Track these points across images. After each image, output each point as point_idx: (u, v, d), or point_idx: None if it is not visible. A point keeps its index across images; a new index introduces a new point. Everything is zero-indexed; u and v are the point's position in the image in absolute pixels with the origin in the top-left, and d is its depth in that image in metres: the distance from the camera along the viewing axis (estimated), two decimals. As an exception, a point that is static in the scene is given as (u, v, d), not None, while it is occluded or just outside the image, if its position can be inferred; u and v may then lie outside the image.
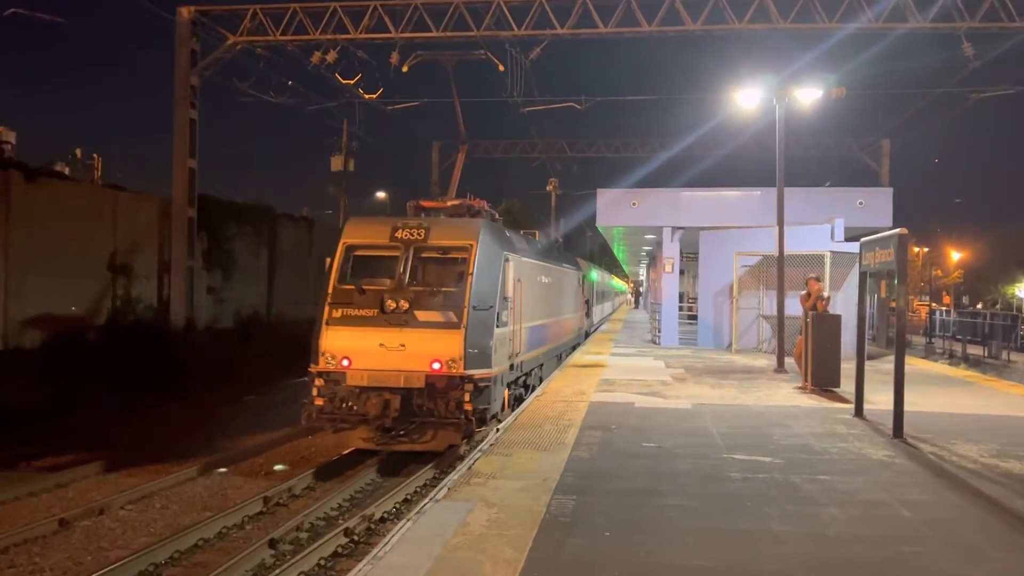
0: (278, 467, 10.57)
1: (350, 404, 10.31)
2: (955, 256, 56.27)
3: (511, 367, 11.87)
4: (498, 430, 7.88)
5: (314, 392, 10.56)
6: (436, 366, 10.29)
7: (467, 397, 10.27)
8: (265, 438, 11.87)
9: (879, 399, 9.63)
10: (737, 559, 4.49)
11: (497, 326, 11.04)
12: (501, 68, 16.36)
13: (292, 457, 11.08)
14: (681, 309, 21.90)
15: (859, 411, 8.88)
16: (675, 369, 13.87)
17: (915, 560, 4.52)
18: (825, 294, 12.04)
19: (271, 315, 22.74)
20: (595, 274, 38.53)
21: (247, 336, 20.27)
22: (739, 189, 18.83)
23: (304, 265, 24.39)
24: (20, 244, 14.06)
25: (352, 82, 17.98)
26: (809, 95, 13.27)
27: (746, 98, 13.70)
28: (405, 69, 15.86)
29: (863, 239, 8.81)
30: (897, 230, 7.71)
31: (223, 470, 10.24)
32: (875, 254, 8.31)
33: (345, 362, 10.56)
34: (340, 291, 11.10)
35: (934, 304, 46.35)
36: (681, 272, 22.54)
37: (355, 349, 10.51)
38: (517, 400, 11.85)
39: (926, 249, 54.89)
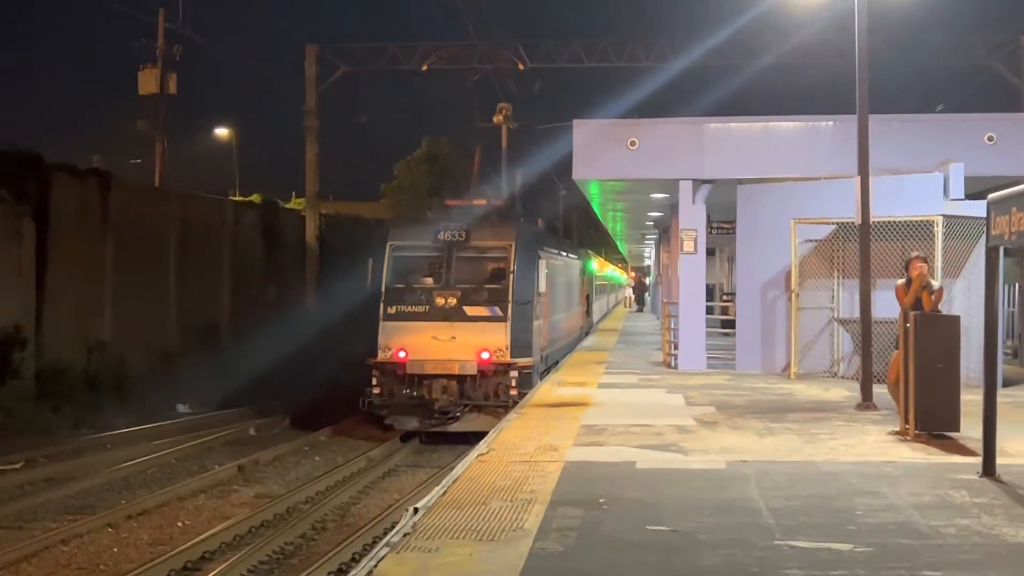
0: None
1: (410, 391, 19.64)
2: None
3: (542, 358, 21.64)
4: (416, 510, 7.88)
5: (373, 382, 19.75)
6: (485, 355, 19.49)
7: (513, 383, 19.38)
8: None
9: (1021, 449, 10.05)
10: None
11: (534, 319, 20.65)
12: None
13: None
14: (710, 312, 22.34)
15: (989, 469, 9.12)
16: (700, 407, 14.14)
17: None
18: (935, 283, 12.25)
19: (40, 345, 22.04)
20: (593, 263, 40.33)
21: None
22: (798, 119, 19.28)
23: (99, 251, 24.18)
24: None
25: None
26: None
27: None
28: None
29: (993, 195, 8.90)
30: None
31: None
32: (1014, 218, 8.31)
33: (402, 354, 19.60)
34: (393, 290, 20.18)
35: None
36: (709, 253, 22.97)
37: (410, 342, 19.63)
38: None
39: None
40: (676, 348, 20.52)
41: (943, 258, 15.84)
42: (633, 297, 62.09)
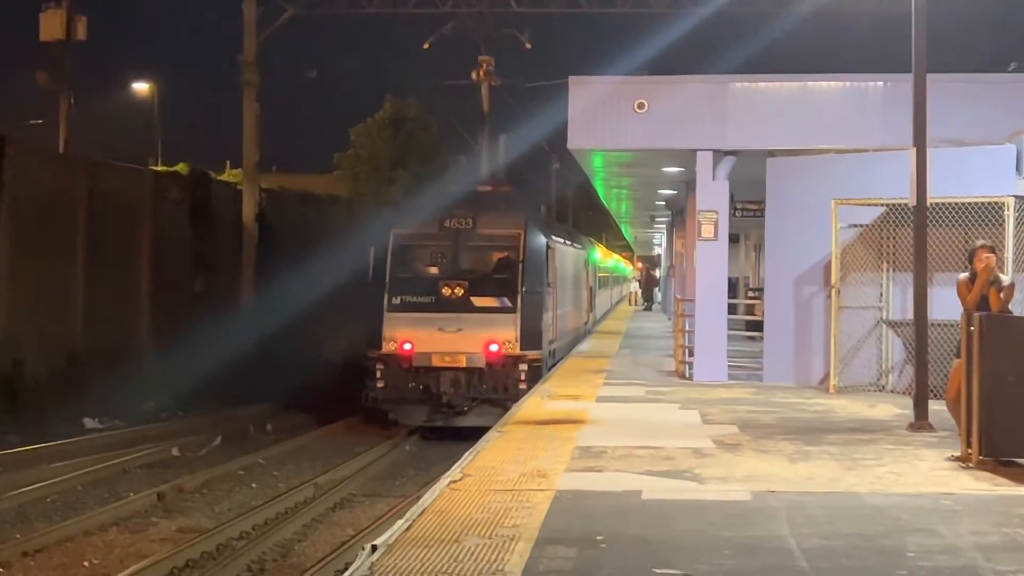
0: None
1: (415, 384, 22.66)
2: None
3: (550, 353, 25.10)
4: (374, 547, 7.86)
5: (377, 375, 22.75)
6: (494, 348, 22.49)
7: (522, 376, 22.35)
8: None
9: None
10: None
11: (544, 310, 24.04)
12: None
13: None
14: (732, 311, 22.64)
15: (1069, 504, 9.23)
16: (720, 426, 14.26)
17: None
18: (1005, 278, 12.29)
19: None
20: (596, 252, 43.04)
21: None
22: (843, 78, 19.44)
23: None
24: None
25: None
26: None
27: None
28: None
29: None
30: None
31: None
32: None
33: (407, 346, 22.56)
34: (397, 280, 23.20)
35: None
36: (732, 240, 23.50)
37: (416, 333, 22.67)
38: None
39: None
40: (691, 355, 20.67)
41: (1015, 247, 15.87)
42: (640, 293, 62.62)
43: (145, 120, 53.62)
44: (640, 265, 76.34)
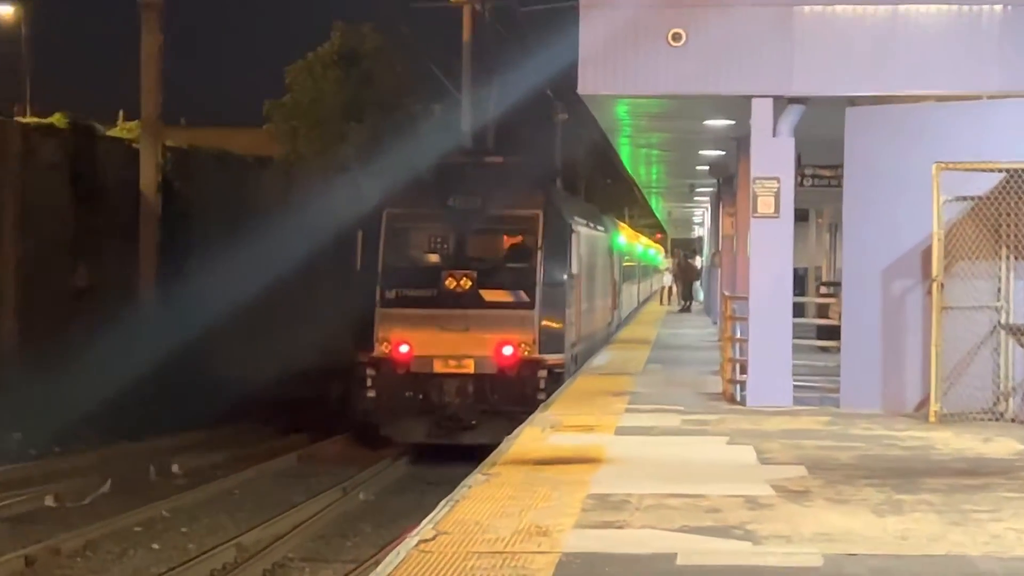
0: None
1: (413, 394, 24.83)
2: None
3: (573, 358, 27.25)
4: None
5: (368, 383, 24.86)
6: (507, 350, 24.84)
7: (542, 384, 24.51)
8: None
9: None
10: None
11: (567, 306, 26.19)
12: None
13: None
14: (799, 313, 23.22)
15: None
16: (782, 467, 14.28)
17: None
18: None
19: None
20: (620, 235, 44.42)
21: None
22: (948, 1, 19.16)
23: None
24: None
25: None
26: None
27: None
28: None
29: None
30: None
31: None
32: None
33: (404, 348, 24.86)
34: (392, 269, 25.51)
35: None
36: (799, 218, 23.64)
37: (415, 333, 24.97)
38: None
39: None
40: (743, 371, 20.75)
41: None
42: (675, 288, 62.66)
43: (9, 57, 53.47)
44: (675, 253, 76.23)
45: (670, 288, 64.89)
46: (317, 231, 34.66)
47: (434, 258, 26.09)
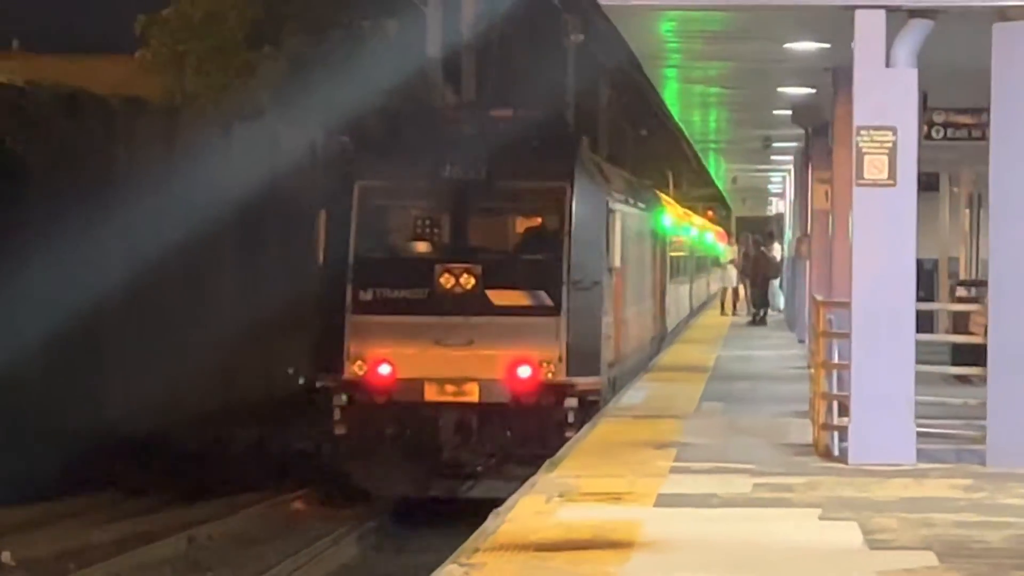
0: None
1: (398, 430, 24.50)
2: None
3: (609, 382, 27.17)
4: None
5: (336, 416, 24.60)
6: (524, 372, 24.49)
7: (570, 418, 24.26)
8: None
9: None
10: None
11: (603, 313, 26.10)
12: None
13: None
14: (924, 326, 22.91)
15: None
16: (901, 552, 13.98)
17: None
18: None
19: None
20: (666, 216, 43.64)
21: None
22: None
23: None
24: None
25: None
26: None
27: None
28: None
29: None
30: None
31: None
32: None
33: (384, 369, 24.66)
34: (367, 262, 25.28)
35: None
36: (925, 187, 23.98)
37: (399, 349, 24.87)
38: None
39: None
40: (844, 413, 20.77)
41: None
42: (743, 289, 64.12)
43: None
44: (743, 238, 76.27)
45: (735, 290, 67.15)
46: (214, 204, 34.95)
47: (424, 247, 25.43)
